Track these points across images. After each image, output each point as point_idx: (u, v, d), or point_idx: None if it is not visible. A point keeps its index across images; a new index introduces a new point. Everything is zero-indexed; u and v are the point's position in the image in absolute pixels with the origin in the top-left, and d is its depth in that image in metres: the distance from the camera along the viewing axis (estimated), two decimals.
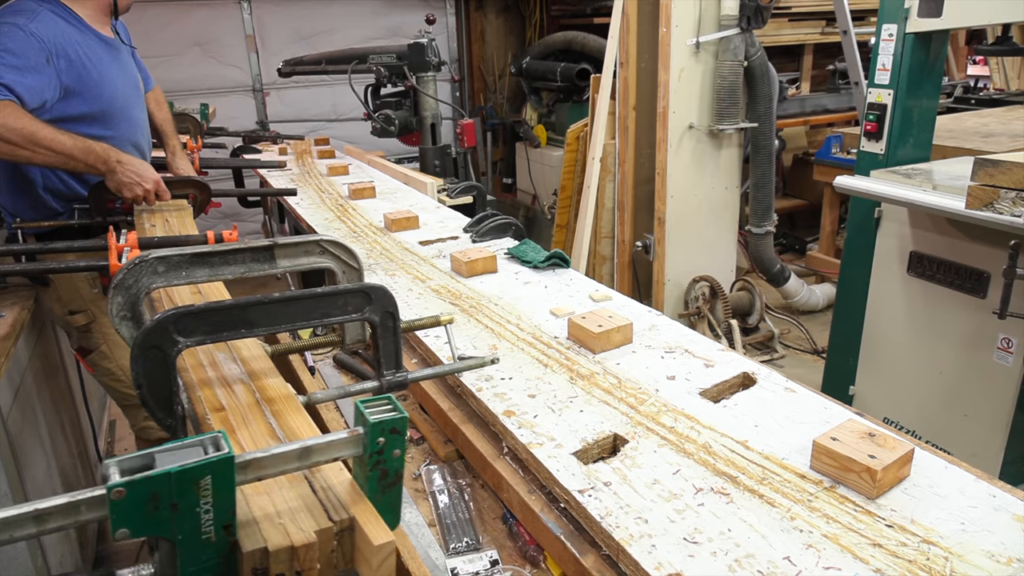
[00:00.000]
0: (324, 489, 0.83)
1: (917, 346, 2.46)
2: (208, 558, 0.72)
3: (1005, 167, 1.84)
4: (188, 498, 0.68)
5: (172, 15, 5.56)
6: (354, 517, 0.79)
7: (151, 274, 1.04)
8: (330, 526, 0.77)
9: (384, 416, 0.81)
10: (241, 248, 1.09)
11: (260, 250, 1.09)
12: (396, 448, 0.82)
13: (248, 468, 0.74)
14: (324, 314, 1.04)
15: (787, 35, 5.33)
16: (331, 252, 1.16)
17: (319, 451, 0.79)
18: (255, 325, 1.00)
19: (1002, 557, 0.87)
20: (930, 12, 2.28)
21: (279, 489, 0.81)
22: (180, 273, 1.06)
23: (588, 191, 4.17)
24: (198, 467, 0.68)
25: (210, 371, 1.11)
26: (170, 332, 0.93)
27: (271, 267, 1.11)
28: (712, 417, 1.20)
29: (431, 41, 3.59)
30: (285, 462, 0.77)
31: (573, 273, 1.95)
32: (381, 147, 4.73)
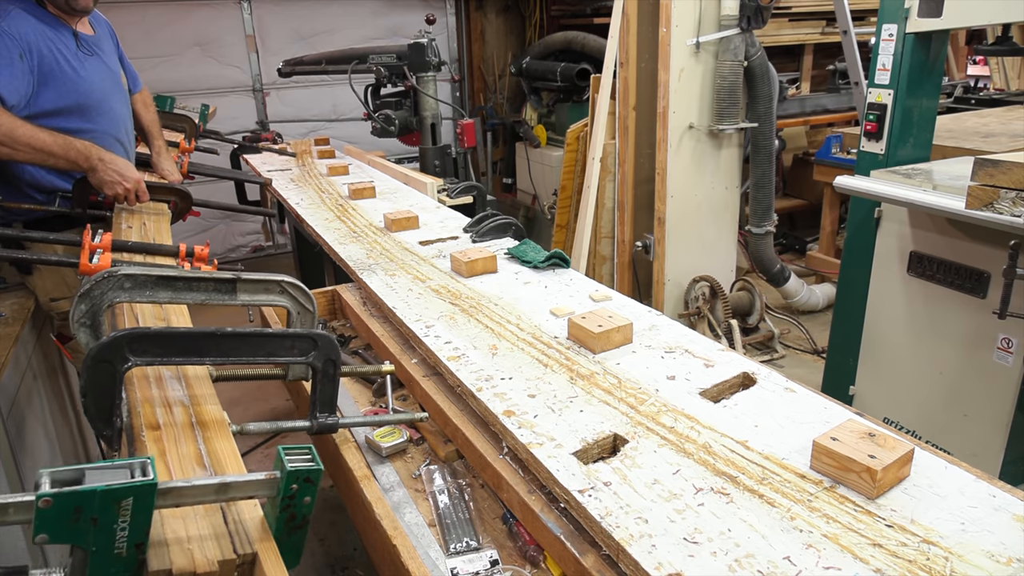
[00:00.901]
0: (236, 522, 0.88)
1: (917, 346, 2.46)
2: (117, 571, 0.77)
3: (1005, 167, 1.84)
4: (108, 515, 0.73)
5: (172, 15, 5.56)
6: (257, 553, 0.84)
7: (117, 289, 1.09)
8: (233, 558, 0.83)
9: (301, 465, 0.88)
10: (205, 277, 1.14)
11: (223, 281, 1.15)
12: (307, 495, 0.90)
13: (168, 495, 0.80)
14: (270, 353, 1.10)
15: (787, 35, 5.33)
16: (290, 293, 1.22)
17: (236, 488, 0.85)
18: (204, 354, 1.06)
19: (1002, 557, 0.87)
20: (930, 12, 2.28)
21: (194, 516, 0.87)
22: (144, 292, 1.11)
23: (588, 191, 4.17)
24: (123, 489, 0.73)
25: (154, 388, 1.17)
26: (123, 350, 0.98)
27: (231, 299, 1.17)
28: (712, 417, 1.20)
29: (431, 41, 3.59)
30: (203, 494, 0.83)
31: (573, 273, 1.95)
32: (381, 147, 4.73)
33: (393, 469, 1.43)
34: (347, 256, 2.15)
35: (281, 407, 3.65)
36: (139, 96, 2.68)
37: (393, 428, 1.53)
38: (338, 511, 2.80)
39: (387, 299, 1.80)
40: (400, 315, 1.69)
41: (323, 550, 2.63)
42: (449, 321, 1.64)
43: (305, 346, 1.12)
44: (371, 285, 1.90)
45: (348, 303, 2.05)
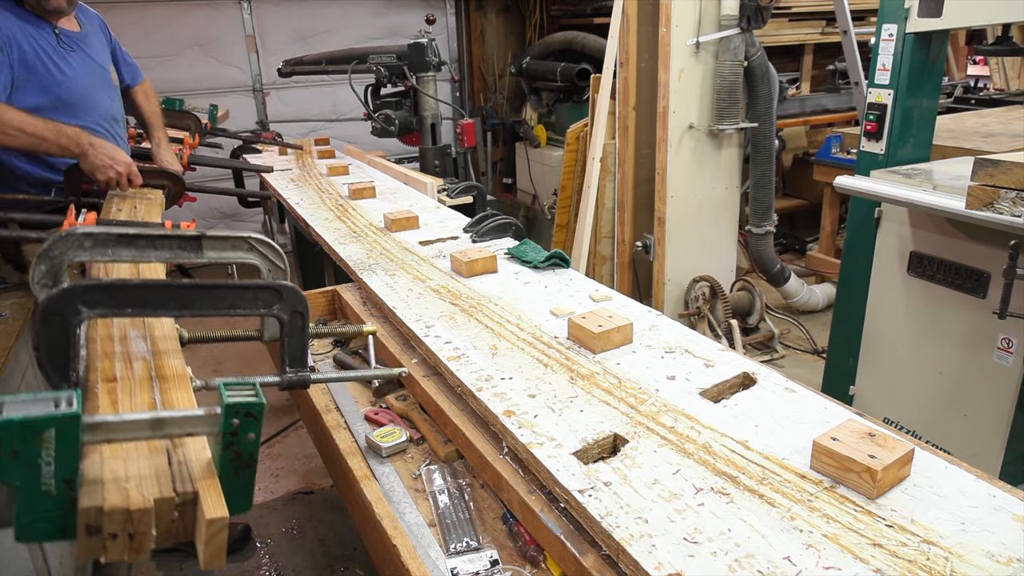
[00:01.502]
0: (181, 463, 0.85)
1: (917, 346, 2.46)
2: (48, 509, 0.74)
3: (1005, 167, 1.84)
4: (30, 448, 0.70)
5: (172, 15, 5.56)
6: (198, 491, 0.81)
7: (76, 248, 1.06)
8: (172, 496, 0.79)
9: (240, 399, 0.83)
10: (168, 235, 1.10)
11: (188, 239, 1.11)
12: (251, 432, 0.84)
13: (97, 429, 0.77)
14: (232, 305, 1.06)
15: (787, 35, 5.33)
16: (258, 250, 1.19)
17: (172, 424, 0.81)
18: (161, 307, 1.02)
19: (1002, 557, 0.87)
20: (930, 12, 2.28)
21: (137, 457, 0.83)
22: (106, 251, 1.07)
23: (588, 191, 4.17)
24: (42, 419, 0.70)
25: (117, 345, 1.13)
26: (75, 302, 0.94)
27: (197, 256, 1.13)
28: (712, 417, 1.20)
29: (431, 41, 3.59)
30: (136, 429, 0.79)
31: (573, 273, 1.95)
32: (381, 147, 4.73)
33: (393, 469, 1.43)
34: (347, 256, 2.15)
35: (281, 407, 3.66)
36: (140, 88, 2.68)
37: (393, 428, 1.53)
38: (338, 511, 2.80)
39: (387, 299, 1.80)
40: (400, 315, 1.69)
41: (323, 550, 2.63)
42: (449, 321, 1.64)
43: (269, 298, 1.08)
44: (371, 285, 1.90)
45: (348, 303, 2.05)
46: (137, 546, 0.77)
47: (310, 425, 1.74)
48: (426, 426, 1.55)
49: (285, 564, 2.58)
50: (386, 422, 1.59)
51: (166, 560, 2.61)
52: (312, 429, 1.72)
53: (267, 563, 2.59)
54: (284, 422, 3.52)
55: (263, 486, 3.04)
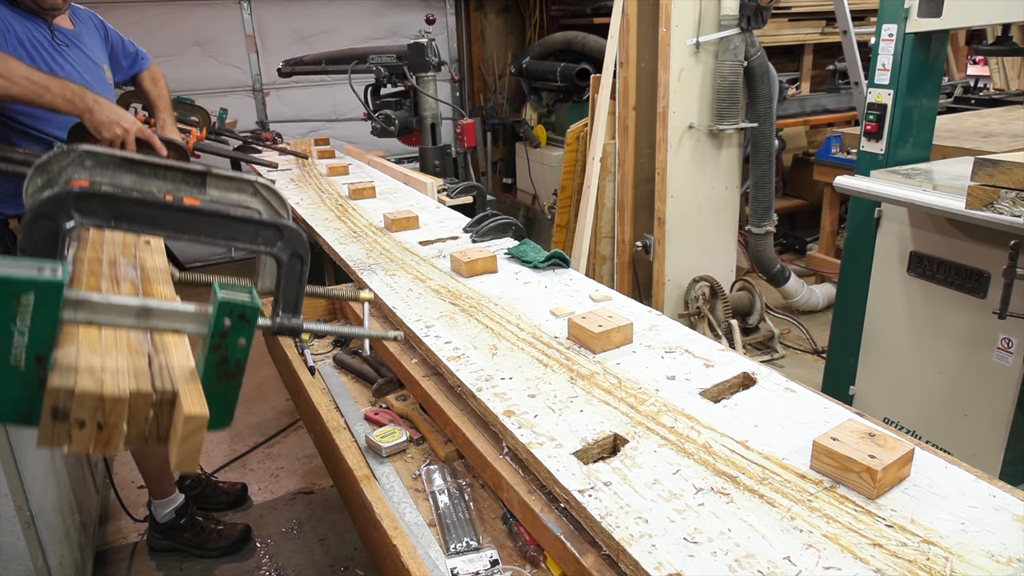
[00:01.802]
0: (162, 367, 0.80)
1: (917, 346, 2.46)
2: (11, 386, 0.69)
3: (1005, 167, 1.84)
4: (4, 310, 0.66)
5: (172, 15, 5.56)
6: (178, 391, 0.76)
7: (76, 165, 1.01)
8: (149, 392, 0.75)
9: (235, 297, 0.78)
10: (173, 165, 1.06)
11: (192, 174, 1.07)
12: (241, 336, 0.79)
13: (79, 307, 0.72)
14: (232, 237, 1.01)
15: (787, 35, 5.33)
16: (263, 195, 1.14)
17: (160, 315, 0.77)
18: (159, 226, 0.96)
19: (1002, 557, 0.87)
20: (930, 12, 2.28)
21: (116, 354, 0.79)
22: (106, 172, 1.02)
23: (588, 191, 4.17)
24: (23, 281, 0.65)
25: (106, 267, 1.09)
26: (68, 206, 0.90)
27: (199, 193, 1.08)
28: (712, 417, 1.20)
29: (431, 41, 3.59)
30: (121, 314, 0.75)
31: (573, 273, 1.95)
32: (381, 147, 4.73)
33: (393, 469, 1.44)
34: (347, 256, 2.15)
35: (281, 406, 3.66)
36: (147, 73, 2.66)
37: (393, 428, 1.53)
38: (338, 511, 2.80)
39: (387, 299, 1.80)
40: (400, 315, 1.69)
41: (323, 550, 2.63)
42: (449, 321, 1.64)
43: (271, 236, 1.03)
44: (371, 285, 1.90)
45: (348, 303, 2.05)
46: (105, 439, 0.71)
47: (310, 425, 1.74)
48: (426, 426, 1.55)
49: (285, 564, 2.58)
50: (386, 422, 1.59)
51: (166, 560, 2.61)
52: (312, 429, 1.72)
53: (267, 563, 2.59)
54: (284, 422, 3.52)
55: (263, 486, 3.04)
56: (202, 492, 2.88)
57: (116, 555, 2.67)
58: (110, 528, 2.81)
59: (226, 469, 3.16)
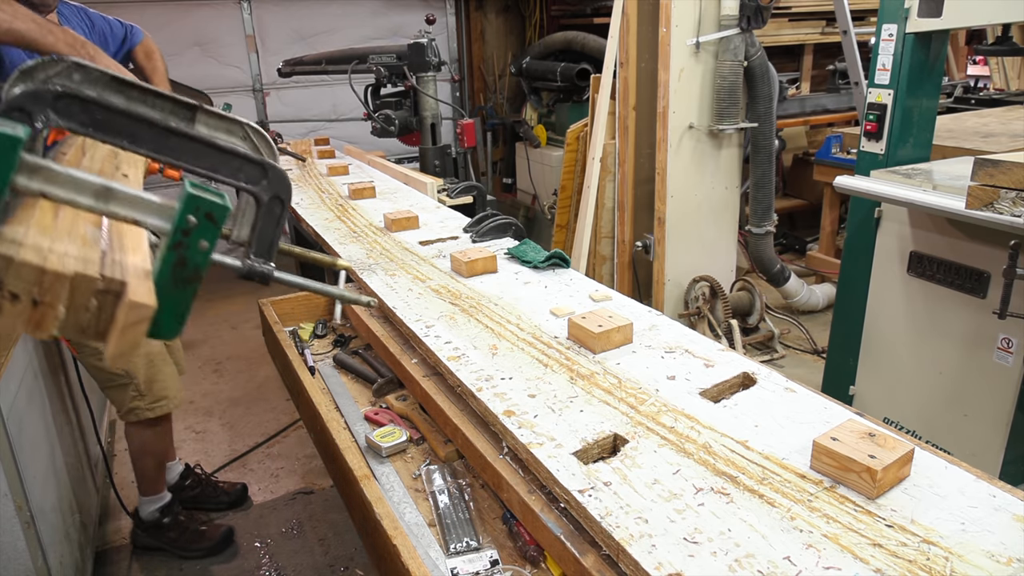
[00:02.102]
0: (115, 263, 0.74)
1: (917, 346, 2.46)
2: None
3: (1005, 167, 1.84)
4: None
5: (172, 15, 5.57)
6: (127, 283, 0.70)
7: (63, 76, 0.95)
8: (95, 276, 0.69)
9: (204, 195, 0.73)
10: (165, 95, 1.01)
11: (183, 105, 1.02)
12: (205, 238, 0.75)
13: (36, 173, 0.67)
14: (214, 168, 0.96)
15: (787, 35, 5.33)
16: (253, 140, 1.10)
17: (122, 200, 0.72)
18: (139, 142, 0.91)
19: (1002, 557, 0.87)
20: (930, 12, 2.28)
21: (68, 240, 0.72)
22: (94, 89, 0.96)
23: (588, 191, 4.17)
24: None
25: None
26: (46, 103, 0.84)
27: (188, 126, 1.02)
28: (712, 417, 1.20)
29: (431, 41, 3.59)
30: (80, 190, 0.70)
31: (573, 273, 1.95)
32: (381, 147, 4.73)
33: (393, 469, 1.44)
34: (347, 256, 2.15)
35: (281, 406, 3.66)
36: (140, 48, 2.61)
37: (393, 428, 1.53)
38: (338, 511, 2.80)
39: (387, 299, 1.80)
40: (400, 315, 1.69)
41: (323, 550, 2.63)
42: (449, 321, 1.64)
43: (254, 174, 0.99)
44: (371, 285, 1.90)
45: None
46: (38, 318, 0.66)
47: (310, 425, 1.75)
48: (426, 426, 1.55)
49: (285, 564, 2.58)
50: (386, 422, 1.59)
51: (166, 560, 2.61)
52: (312, 429, 1.72)
53: (267, 563, 2.59)
54: (284, 422, 3.52)
55: (263, 486, 3.04)
56: (202, 492, 2.88)
57: (116, 555, 2.67)
58: (110, 527, 2.81)
59: (226, 469, 3.16)
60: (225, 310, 5.15)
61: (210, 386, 4.00)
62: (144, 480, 2.59)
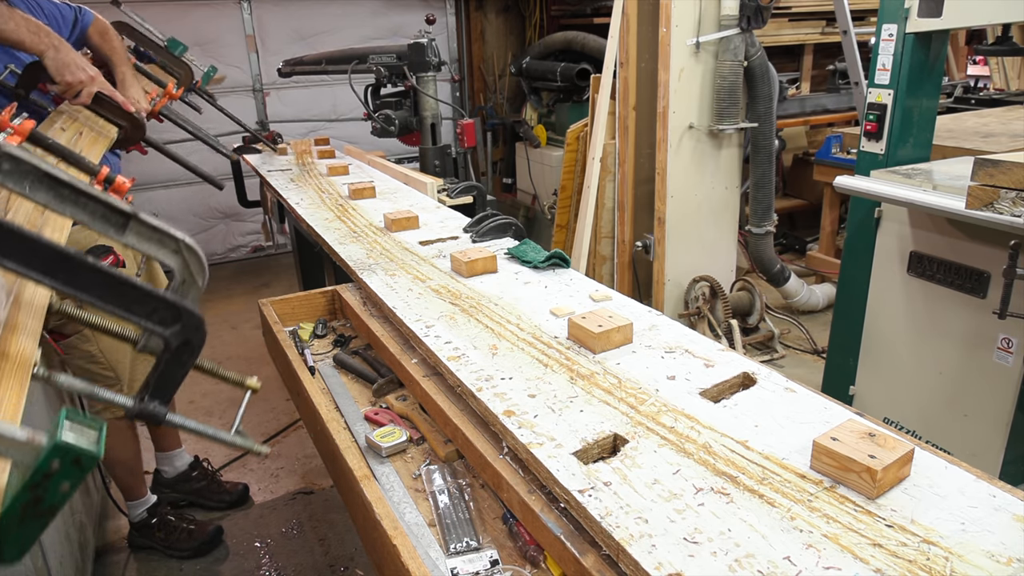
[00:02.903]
0: None
1: (917, 346, 2.46)
2: None
3: (1005, 167, 1.84)
4: None
5: (172, 15, 5.57)
6: None
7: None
8: None
9: (76, 442, 0.67)
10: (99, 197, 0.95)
11: (116, 212, 0.95)
12: (67, 481, 0.68)
13: None
14: (127, 307, 0.89)
15: (787, 35, 5.33)
16: (184, 256, 1.04)
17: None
18: (50, 274, 0.83)
19: (1002, 557, 0.87)
20: (930, 12, 2.28)
21: None
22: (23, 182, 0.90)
23: (588, 191, 4.17)
24: None
25: None
26: None
27: (116, 234, 0.97)
28: (712, 417, 1.20)
29: (431, 41, 3.59)
30: None
31: (573, 273, 1.95)
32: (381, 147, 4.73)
33: (393, 469, 1.44)
34: (347, 256, 2.15)
35: (281, 406, 3.66)
36: (93, 29, 2.46)
37: (393, 428, 1.53)
38: (338, 511, 2.81)
39: (387, 299, 1.80)
40: (400, 315, 1.69)
41: (323, 550, 2.64)
42: (449, 321, 1.64)
43: (168, 316, 0.92)
44: (371, 285, 1.90)
45: (348, 303, 2.05)
46: None
47: (310, 425, 1.74)
48: (426, 426, 1.55)
49: (285, 564, 2.58)
50: (386, 422, 1.59)
51: (164, 560, 2.61)
52: (312, 429, 1.72)
53: (267, 563, 2.59)
54: (284, 422, 3.52)
55: (263, 486, 3.04)
56: (207, 486, 2.89)
57: (116, 555, 2.67)
58: (109, 527, 2.81)
59: (226, 469, 3.16)
60: (225, 310, 5.15)
61: (210, 386, 4.00)
62: (123, 487, 2.59)
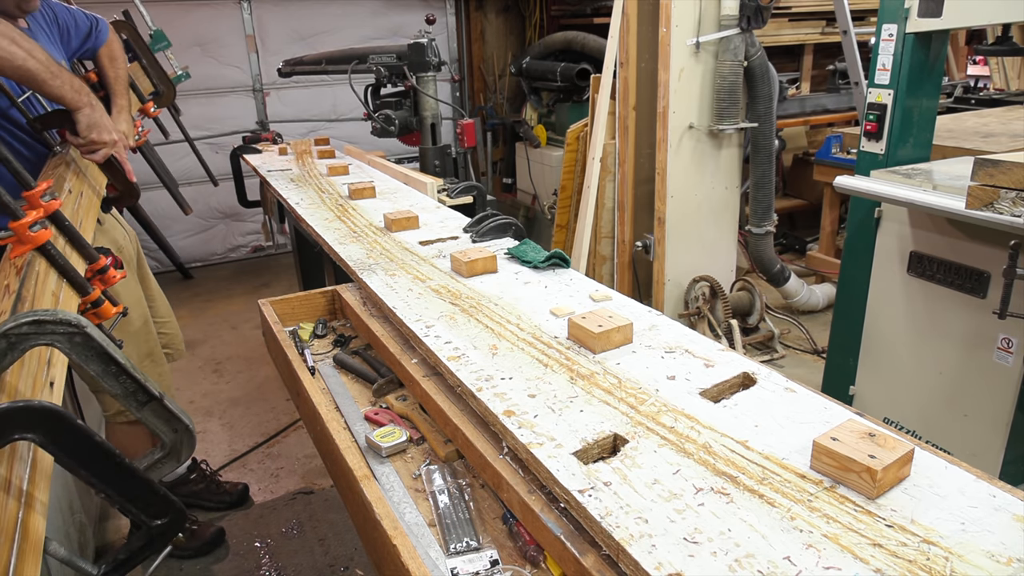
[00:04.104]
0: None
1: (917, 346, 2.46)
2: None
3: (1005, 167, 1.84)
4: None
5: (172, 15, 5.57)
6: None
7: (64, 340, 0.95)
8: None
9: None
10: (136, 377, 1.02)
11: (144, 392, 1.03)
12: None
13: None
14: (130, 497, 0.95)
15: (787, 35, 5.33)
16: (180, 437, 1.08)
17: None
18: (92, 473, 0.90)
19: (1002, 557, 0.87)
20: (930, 12, 2.28)
21: None
22: (86, 355, 0.98)
23: (588, 191, 4.17)
24: None
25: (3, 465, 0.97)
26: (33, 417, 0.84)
27: (135, 409, 1.06)
28: (712, 417, 1.20)
29: (431, 41, 3.59)
30: None
31: (573, 273, 1.95)
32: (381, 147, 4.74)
33: (393, 469, 1.44)
34: (347, 256, 2.15)
35: (281, 406, 3.66)
36: (104, 49, 2.48)
37: (393, 428, 1.53)
38: (338, 511, 2.81)
39: (387, 299, 1.80)
40: (400, 315, 1.69)
41: (323, 550, 2.63)
42: (449, 321, 1.64)
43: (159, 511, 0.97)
44: (371, 285, 1.90)
45: (348, 303, 2.05)
46: None
47: (310, 425, 1.74)
48: (426, 426, 1.55)
49: (285, 564, 2.58)
50: (386, 422, 1.59)
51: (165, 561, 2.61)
52: (312, 429, 1.72)
53: (267, 563, 2.59)
54: (284, 422, 3.52)
55: (263, 486, 3.04)
56: (206, 488, 2.89)
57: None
58: (109, 527, 2.81)
59: (226, 469, 3.16)
60: (225, 310, 5.15)
61: (210, 386, 4.00)
62: None
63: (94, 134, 1.96)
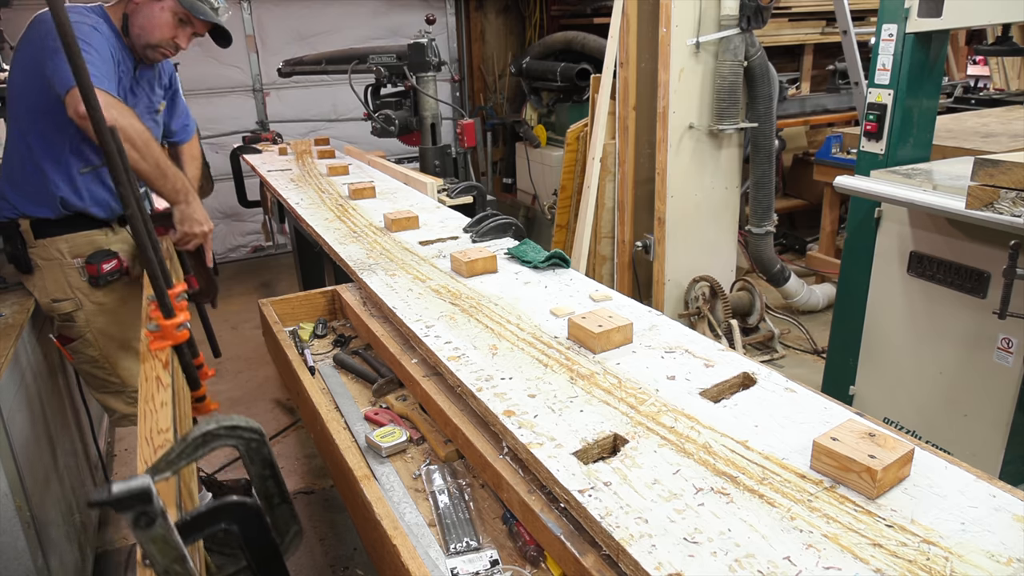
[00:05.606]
0: None
1: (917, 346, 2.46)
2: None
3: (1005, 167, 1.84)
4: None
5: None
6: None
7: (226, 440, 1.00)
8: None
9: None
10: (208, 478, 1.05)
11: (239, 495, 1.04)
12: None
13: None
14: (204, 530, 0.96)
15: (787, 35, 5.33)
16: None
17: None
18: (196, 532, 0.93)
19: (1002, 557, 0.87)
20: (930, 12, 2.28)
21: None
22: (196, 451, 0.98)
23: (588, 191, 4.17)
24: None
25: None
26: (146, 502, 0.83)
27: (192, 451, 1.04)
28: (712, 417, 1.20)
29: (431, 41, 3.59)
30: None
31: (573, 273, 1.95)
32: (381, 147, 4.74)
33: (393, 469, 1.44)
34: (347, 256, 2.15)
35: (281, 406, 3.66)
36: (187, 148, 2.66)
37: (393, 428, 1.53)
38: (338, 511, 2.81)
39: (387, 299, 1.80)
40: (400, 315, 1.69)
41: (323, 550, 2.63)
42: (449, 321, 1.64)
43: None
44: (371, 285, 1.90)
45: (348, 303, 2.05)
46: None
47: (310, 425, 1.74)
48: (426, 426, 1.55)
49: None
50: (386, 422, 1.59)
51: None
52: (312, 429, 1.72)
53: None
54: (284, 422, 3.52)
55: None
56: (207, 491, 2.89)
57: (117, 555, 2.67)
58: (110, 528, 2.81)
59: (226, 469, 3.16)
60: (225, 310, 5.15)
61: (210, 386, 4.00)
62: None
63: (187, 227, 2.19)
